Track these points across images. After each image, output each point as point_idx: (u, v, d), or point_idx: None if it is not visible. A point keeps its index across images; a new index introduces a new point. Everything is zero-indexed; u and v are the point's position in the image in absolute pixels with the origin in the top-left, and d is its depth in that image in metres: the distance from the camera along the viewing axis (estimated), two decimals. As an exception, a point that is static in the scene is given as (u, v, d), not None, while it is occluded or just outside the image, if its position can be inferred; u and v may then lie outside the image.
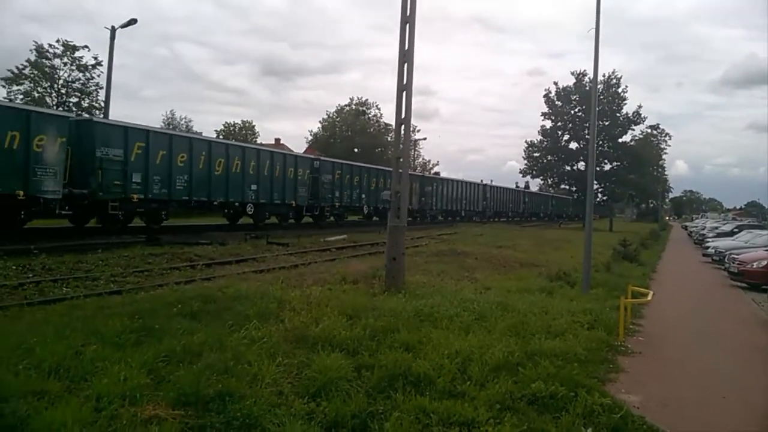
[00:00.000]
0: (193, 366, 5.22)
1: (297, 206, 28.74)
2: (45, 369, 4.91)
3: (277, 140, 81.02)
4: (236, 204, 25.15)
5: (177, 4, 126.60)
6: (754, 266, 16.21)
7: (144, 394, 4.60)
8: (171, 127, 64.71)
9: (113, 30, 28.97)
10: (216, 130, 65.58)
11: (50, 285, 10.43)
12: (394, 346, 6.34)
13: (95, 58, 38.80)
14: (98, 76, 38.83)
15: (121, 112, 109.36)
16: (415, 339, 6.66)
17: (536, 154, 55.75)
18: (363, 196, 34.31)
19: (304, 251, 18.30)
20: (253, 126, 66.75)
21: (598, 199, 54.18)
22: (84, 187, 18.43)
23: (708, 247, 26.16)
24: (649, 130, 57.72)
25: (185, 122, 67.17)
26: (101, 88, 38.08)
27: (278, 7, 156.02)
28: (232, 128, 64.95)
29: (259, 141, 65.39)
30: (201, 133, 66.82)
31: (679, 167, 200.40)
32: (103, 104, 33.98)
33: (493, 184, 58.08)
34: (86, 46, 38.60)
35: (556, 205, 76.82)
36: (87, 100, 39.74)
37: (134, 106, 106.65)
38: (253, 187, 25.47)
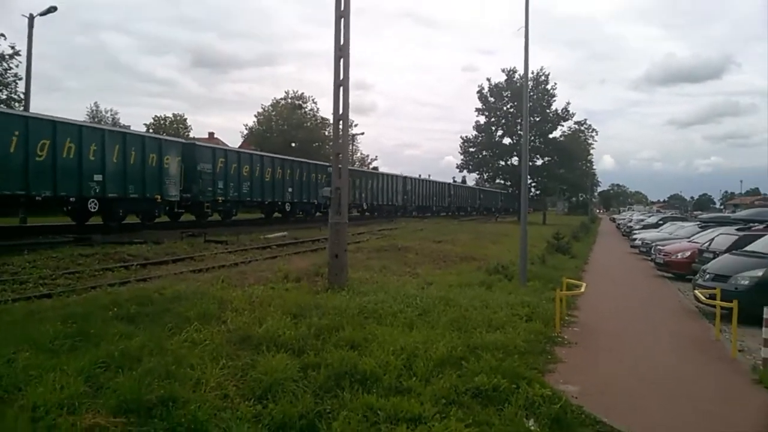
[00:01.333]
0: (133, 371, 5.03)
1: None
2: (-27, 379, 4.63)
3: (211, 134, 79.18)
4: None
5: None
6: (679, 257, 17.15)
7: (83, 402, 4.40)
8: (96, 120, 61.90)
9: (31, 18, 27.48)
10: (145, 124, 63.41)
11: (-28, 289, 9.84)
12: (339, 345, 6.33)
13: (12, 48, 36.62)
14: (16, 66, 36.68)
15: (42, 104, 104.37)
16: (360, 336, 6.67)
17: (472, 150, 56.72)
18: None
19: (244, 249, 18.01)
20: (185, 119, 64.91)
21: (531, 194, 55.83)
22: (188, 192, 25.02)
23: (635, 239, 27.44)
24: (577, 126, 59.73)
25: (111, 115, 64.51)
26: (20, 78, 35.99)
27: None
28: (162, 121, 62.85)
29: (191, 135, 63.59)
30: (129, 126, 64.54)
31: (606, 162, 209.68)
32: (22, 96, 32.22)
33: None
34: (2, 35, 36.40)
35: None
36: (5, 92, 37.48)
37: (57, 98, 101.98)
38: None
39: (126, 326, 6.50)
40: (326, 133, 59.90)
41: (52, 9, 27.70)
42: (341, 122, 10.67)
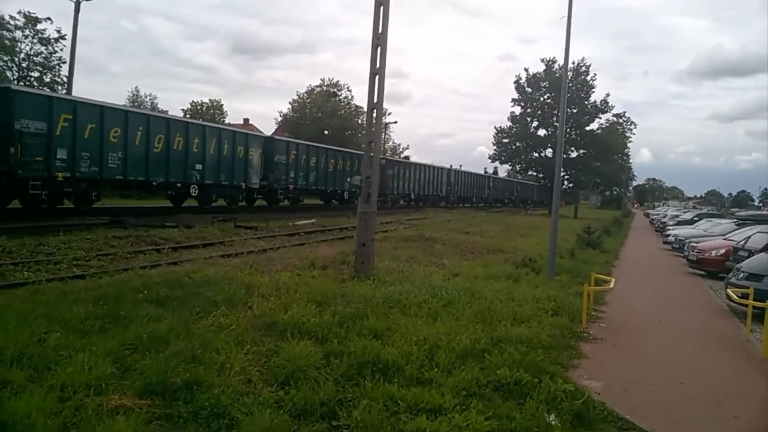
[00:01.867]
0: (160, 354, 5.17)
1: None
2: (7, 358, 4.79)
3: (246, 120, 79.96)
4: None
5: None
6: (712, 254, 16.75)
7: (110, 383, 4.54)
8: (136, 104, 63.26)
9: (78, 2, 28.11)
10: (182, 109, 64.35)
11: (10, 269, 10.15)
12: (363, 333, 6.38)
13: (58, 32, 37.57)
14: (61, 50, 37.63)
15: (85, 87, 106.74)
16: (383, 326, 6.71)
17: (505, 140, 56.10)
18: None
19: (273, 235, 18.18)
20: (221, 105, 65.61)
21: (564, 186, 55.02)
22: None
23: (668, 235, 26.87)
24: (615, 119, 58.51)
25: (150, 99, 65.76)
26: (64, 62, 36.93)
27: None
28: (199, 107, 63.66)
29: (227, 121, 64.32)
30: (167, 111, 65.70)
31: (643, 155, 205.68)
32: (66, 79, 33.03)
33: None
34: (49, 18, 37.33)
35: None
36: (49, 75, 38.47)
37: (99, 81, 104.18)
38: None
39: (155, 309, 6.64)
40: (359, 122, 59.91)
41: (98, -6, 28.33)
42: (375, 111, 10.66)
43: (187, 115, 62.37)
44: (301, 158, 31.19)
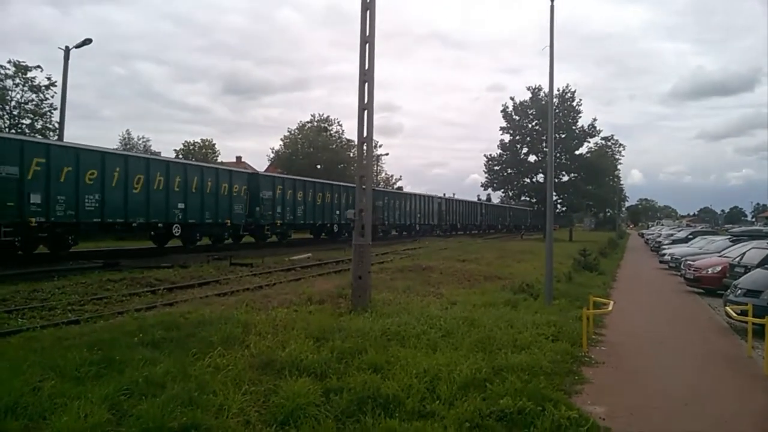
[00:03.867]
0: (157, 398, 5.08)
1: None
2: (1, 408, 4.71)
3: (239, 158, 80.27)
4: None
5: (134, 22, 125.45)
6: (709, 272, 16.76)
7: (106, 430, 4.46)
8: (128, 147, 63.70)
9: (67, 50, 28.40)
10: (175, 150, 64.65)
11: (4, 316, 10.06)
12: (362, 368, 6.31)
13: (49, 79, 37.83)
14: (52, 96, 37.87)
15: (77, 133, 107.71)
16: (383, 359, 6.64)
17: (496, 168, 56.47)
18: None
19: (269, 271, 18.10)
20: (213, 144, 65.93)
21: (557, 210, 55.23)
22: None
23: (664, 254, 26.91)
24: (603, 142, 59.14)
25: (143, 142, 66.17)
26: (55, 108, 37.13)
27: (239, 23, 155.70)
28: (191, 147, 63.99)
29: (219, 159, 64.57)
30: (160, 152, 66.22)
31: (634, 176, 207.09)
32: (57, 125, 33.25)
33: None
34: (39, 66, 37.63)
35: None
36: (41, 122, 38.68)
37: (92, 126, 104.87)
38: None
39: (151, 352, 6.57)
40: (351, 155, 60.23)
41: (87, 41, 28.63)
42: (365, 145, 10.76)
43: (180, 156, 62.68)
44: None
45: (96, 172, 19.71)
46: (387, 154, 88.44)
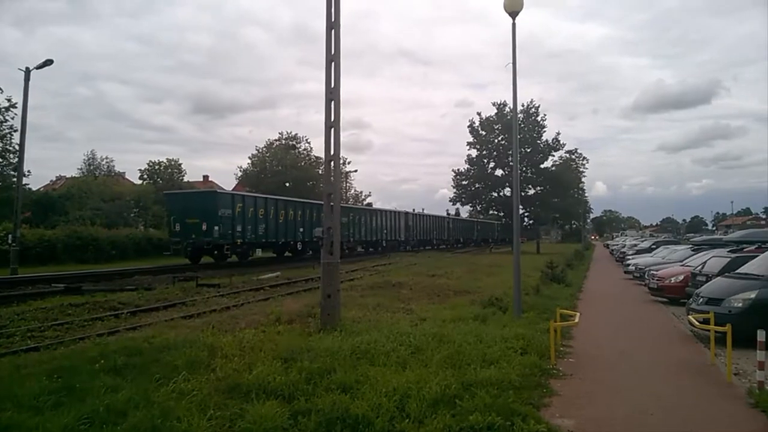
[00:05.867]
0: (118, 427, 4.95)
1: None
2: (-50, 444, 4.51)
3: (206, 177, 79.47)
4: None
5: (98, 42, 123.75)
6: (672, 281, 17.12)
7: (64, 463, 4.30)
8: (92, 168, 62.60)
9: (27, 71, 27.82)
10: (140, 169, 63.58)
11: (-41, 346, 9.67)
12: (331, 388, 6.23)
13: (9, 100, 37.08)
14: (12, 118, 37.08)
15: (40, 154, 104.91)
16: (352, 379, 6.57)
17: (464, 182, 57.14)
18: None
19: (237, 291, 17.84)
20: (180, 164, 64.94)
21: (524, 223, 56.04)
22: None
23: (629, 265, 27.42)
24: (568, 155, 60.39)
25: (107, 163, 65.13)
26: (15, 130, 36.34)
27: (204, 42, 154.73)
28: (156, 167, 62.98)
29: (186, 179, 63.72)
30: (124, 173, 65.35)
31: (598, 188, 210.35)
32: (17, 147, 32.52)
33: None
34: (-1, 88, 36.86)
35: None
36: (0, 144, 37.79)
37: (57, 147, 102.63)
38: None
39: (113, 379, 6.39)
40: (319, 172, 60.00)
41: (49, 62, 28.10)
42: (332, 162, 10.74)
43: (145, 176, 61.76)
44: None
45: (263, 210, 30.41)
46: (356, 171, 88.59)
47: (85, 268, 26.61)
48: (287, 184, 58.80)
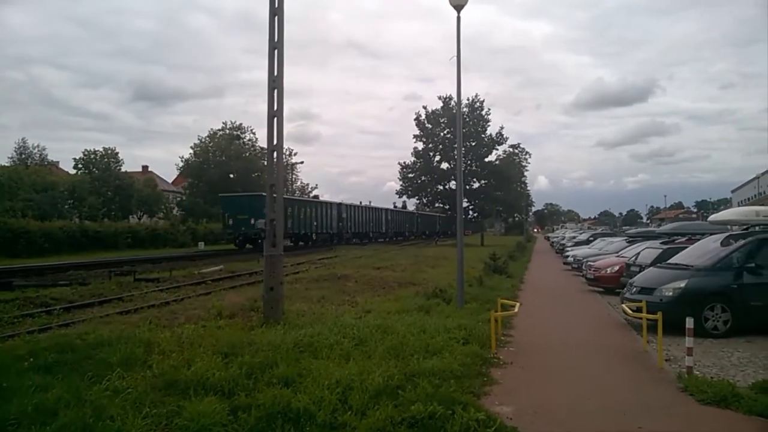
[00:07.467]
0: (47, 427, 4.74)
1: None
2: None
3: (145, 167, 77.12)
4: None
5: (33, 25, 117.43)
6: (608, 272, 17.76)
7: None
8: (24, 156, 59.68)
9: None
10: (74, 158, 60.91)
11: None
12: (272, 383, 6.16)
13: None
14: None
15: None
16: (294, 372, 6.52)
17: (410, 175, 57.33)
18: None
19: (177, 286, 17.39)
20: (116, 153, 62.39)
21: (469, 216, 56.86)
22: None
23: (567, 256, 28.26)
24: (511, 150, 61.62)
25: (39, 151, 62.20)
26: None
27: (148, 27, 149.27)
28: (92, 156, 60.39)
29: (123, 169, 61.52)
30: (58, 162, 62.72)
31: (540, 182, 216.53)
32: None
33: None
34: None
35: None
36: None
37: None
38: None
39: (43, 377, 6.15)
40: (265, 163, 59.20)
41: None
42: (275, 153, 10.58)
43: (79, 165, 59.28)
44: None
45: (303, 210, 41.10)
46: (302, 162, 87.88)
47: (16, 262, 25.39)
48: (231, 176, 57.73)
